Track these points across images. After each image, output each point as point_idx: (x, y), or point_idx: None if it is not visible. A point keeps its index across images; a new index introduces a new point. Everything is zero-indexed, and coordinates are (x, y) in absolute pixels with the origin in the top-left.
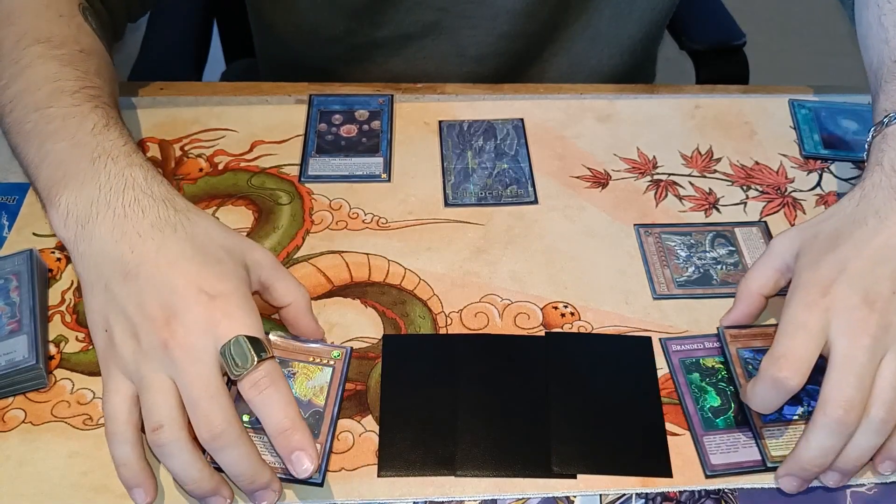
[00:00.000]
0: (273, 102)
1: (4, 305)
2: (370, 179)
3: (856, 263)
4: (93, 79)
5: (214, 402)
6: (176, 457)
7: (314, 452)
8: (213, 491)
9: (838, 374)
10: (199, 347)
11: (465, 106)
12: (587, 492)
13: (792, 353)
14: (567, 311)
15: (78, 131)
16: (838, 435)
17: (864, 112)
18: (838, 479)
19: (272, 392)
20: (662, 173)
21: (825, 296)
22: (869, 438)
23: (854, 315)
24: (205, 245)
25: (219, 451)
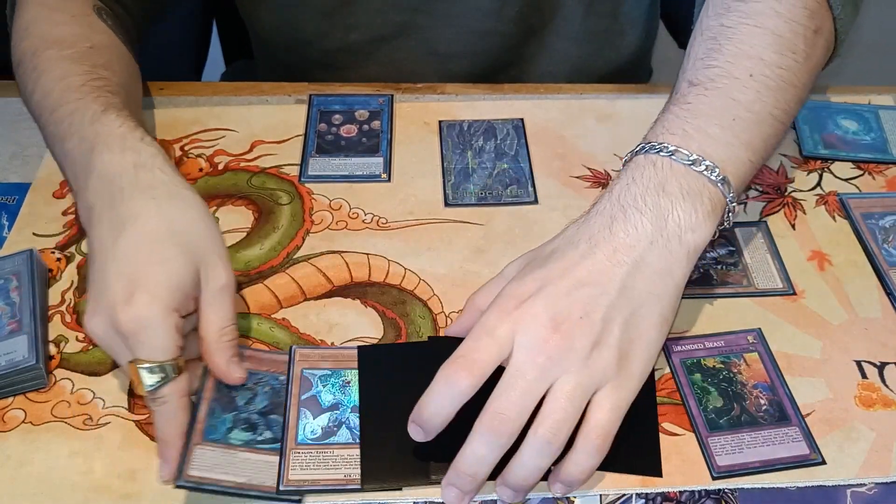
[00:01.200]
0: (273, 102)
1: (4, 305)
2: (370, 179)
3: (555, 283)
4: (99, 71)
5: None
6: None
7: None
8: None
9: (504, 385)
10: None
11: (465, 106)
12: (587, 492)
13: (471, 354)
14: None
15: (81, 126)
16: (491, 445)
17: (863, 112)
18: (510, 495)
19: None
20: None
21: (518, 308)
22: (533, 457)
23: (538, 332)
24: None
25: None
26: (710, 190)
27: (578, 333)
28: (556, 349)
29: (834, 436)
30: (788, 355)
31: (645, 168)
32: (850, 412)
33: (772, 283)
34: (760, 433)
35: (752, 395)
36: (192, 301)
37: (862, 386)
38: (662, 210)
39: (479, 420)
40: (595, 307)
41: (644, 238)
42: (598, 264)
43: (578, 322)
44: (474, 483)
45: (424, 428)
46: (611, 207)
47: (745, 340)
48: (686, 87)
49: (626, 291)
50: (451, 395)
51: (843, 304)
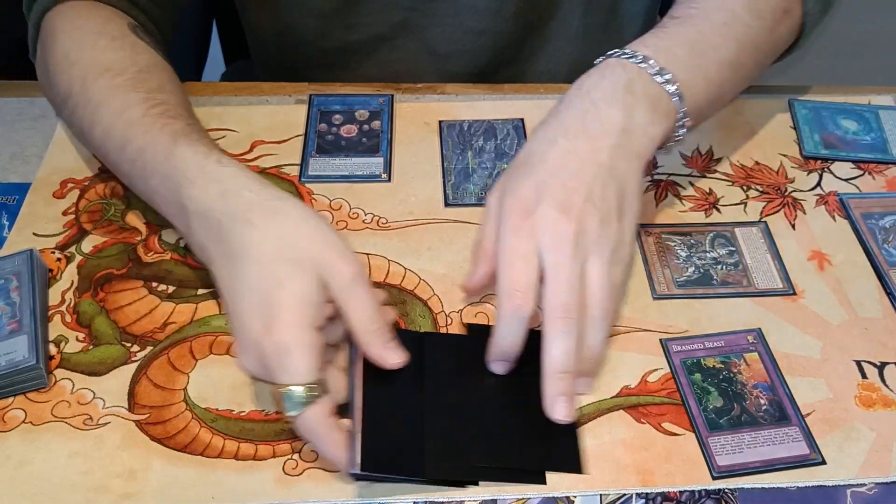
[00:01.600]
0: (273, 102)
1: (4, 305)
2: (370, 179)
3: (550, 184)
4: (156, 95)
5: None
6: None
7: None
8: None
9: (552, 285)
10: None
11: (465, 106)
12: (587, 492)
13: (516, 285)
14: None
15: (157, 164)
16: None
17: (864, 112)
18: (586, 383)
19: (312, 438)
20: (662, 173)
21: (528, 218)
22: (596, 334)
23: (556, 228)
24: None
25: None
26: (667, 99)
27: (588, 215)
28: (577, 235)
29: (834, 436)
30: (788, 355)
31: (615, 69)
32: (850, 412)
33: (772, 283)
34: (760, 433)
35: (752, 395)
36: (328, 307)
37: (862, 386)
38: (629, 105)
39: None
40: (593, 188)
41: (616, 126)
42: (581, 153)
43: (584, 205)
44: (572, 377)
45: (507, 359)
46: (581, 102)
47: (745, 340)
48: (668, 20)
49: (613, 171)
50: (520, 322)
51: (842, 304)
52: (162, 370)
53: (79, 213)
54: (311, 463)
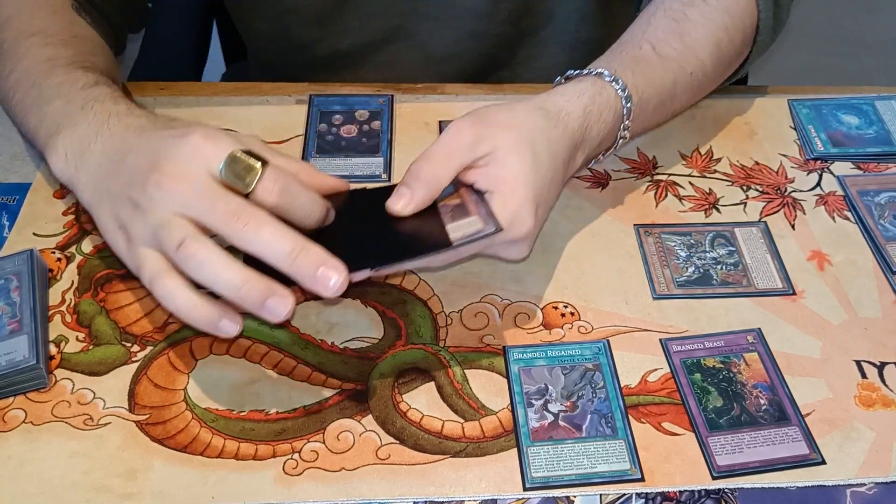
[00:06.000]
0: (273, 103)
1: (5, 305)
2: (370, 180)
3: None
4: (87, 56)
5: (228, 199)
6: (210, 263)
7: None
8: (267, 290)
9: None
10: (191, 170)
11: (465, 106)
12: (587, 492)
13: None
14: (567, 311)
15: (70, 91)
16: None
17: (861, 105)
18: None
19: (289, 196)
20: (662, 173)
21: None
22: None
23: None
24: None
25: (257, 235)
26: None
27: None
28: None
29: (834, 436)
30: (788, 355)
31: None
32: (850, 412)
33: (771, 283)
34: (760, 433)
35: (751, 394)
36: None
37: (862, 386)
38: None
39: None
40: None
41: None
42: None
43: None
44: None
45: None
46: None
47: (745, 340)
48: (650, 51)
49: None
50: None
51: (842, 304)
52: (162, 370)
53: (79, 213)
54: (311, 463)
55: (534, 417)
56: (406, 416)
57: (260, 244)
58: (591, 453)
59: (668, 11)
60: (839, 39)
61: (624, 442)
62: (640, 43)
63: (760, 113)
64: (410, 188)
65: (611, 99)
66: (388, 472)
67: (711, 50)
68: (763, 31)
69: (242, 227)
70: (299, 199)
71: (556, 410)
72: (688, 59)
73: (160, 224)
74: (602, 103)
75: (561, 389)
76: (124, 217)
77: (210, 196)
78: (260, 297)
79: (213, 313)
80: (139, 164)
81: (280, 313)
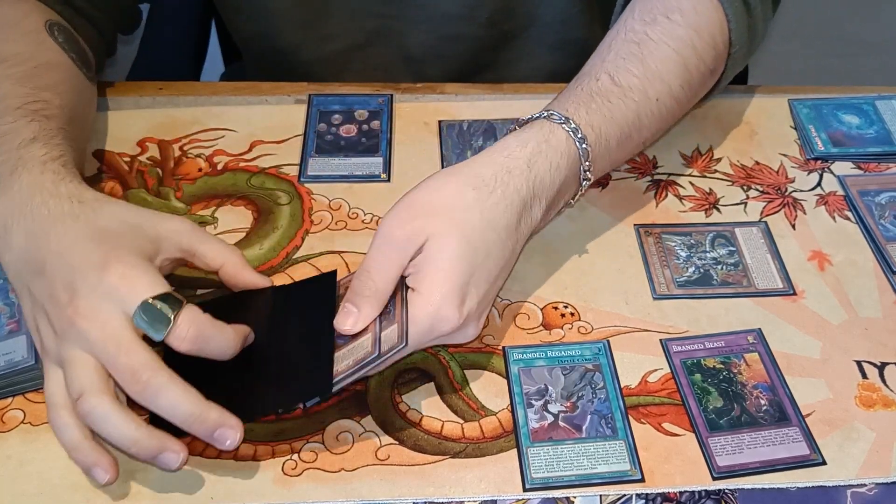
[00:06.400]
0: (272, 102)
1: (4, 306)
2: (370, 179)
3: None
4: (40, 94)
5: (132, 355)
6: (105, 420)
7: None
8: (158, 447)
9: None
10: (103, 312)
11: (464, 106)
12: (587, 492)
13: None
14: (567, 312)
15: (6, 148)
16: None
17: (861, 105)
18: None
19: (201, 341)
20: (662, 173)
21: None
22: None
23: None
24: (106, 226)
25: (155, 399)
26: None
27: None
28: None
29: (834, 436)
30: (788, 355)
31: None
32: (851, 412)
33: (772, 283)
34: (760, 433)
35: (752, 395)
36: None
37: (862, 386)
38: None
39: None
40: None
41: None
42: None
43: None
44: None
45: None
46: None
47: (745, 340)
48: (608, 82)
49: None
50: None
51: (843, 304)
52: None
53: None
54: (310, 463)
55: (534, 418)
56: (405, 417)
57: (158, 407)
58: (591, 454)
59: (628, 34)
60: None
61: (624, 442)
62: (598, 74)
63: (760, 113)
64: (357, 306)
65: (562, 142)
66: (388, 473)
67: (679, 72)
68: (737, 43)
69: (142, 390)
70: (212, 342)
71: (556, 411)
72: (652, 84)
73: (68, 359)
74: (552, 149)
75: (561, 390)
76: (41, 326)
77: (116, 347)
78: (151, 453)
79: (88, 460)
80: (56, 289)
81: (171, 466)
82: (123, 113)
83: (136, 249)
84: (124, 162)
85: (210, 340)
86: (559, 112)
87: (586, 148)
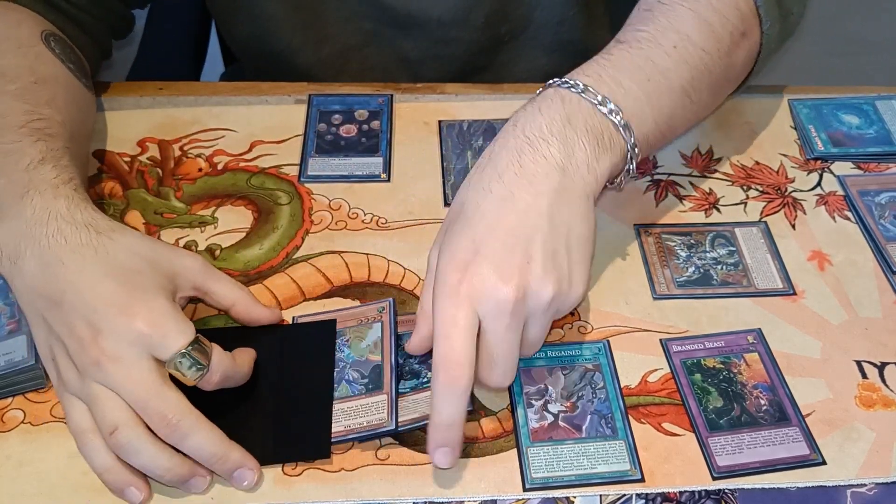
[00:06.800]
0: (272, 102)
1: (4, 305)
2: (370, 179)
3: (488, 242)
4: (42, 110)
5: (161, 398)
6: (140, 452)
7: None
8: (189, 473)
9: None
10: (131, 356)
11: (464, 106)
12: (587, 492)
13: (452, 355)
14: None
15: (13, 169)
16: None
17: (861, 105)
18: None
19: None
20: (662, 173)
21: (464, 282)
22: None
23: (494, 295)
24: (126, 261)
25: (183, 441)
26: (612, 132)
27: (528, 278)
28: (516, 303)
29: (834, 436)
30: (788, 355)
31: (553, 101)
32: (851, 412)
33: (772, 283)
34: (760, 433)
35: (752, 395)
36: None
37: (862, 386)
38: (569, 141)
39: (480, 386)
40: (534, 248)
41: (555, 166)
42: (519, 202)
43: (526, 267)
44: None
45: (452, 445)
46: (516, 140)
47: (745, 340)
48: (613, 44)
49: (554, 220)
50: (457, 396)
51: (843, 304)
52: None
53: None
54: (310, 464)
55: (533, 418)
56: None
57: (185, 448)
58: (590, 454)
59: (641, 7)
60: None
61: (624, 442)
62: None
63: (760, 113)
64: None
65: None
66: (388, 473)
67: (696, 24)
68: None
69: (171, 433)
70: (233, 380)
71: (556, 411)
72: (665, 35)
73: (95, 395)
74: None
75: (561, 390)
76: (59, 358)
77: (146, 392)
78: (183, 479)
79: (122, 481)
80: (77, 325)
81: (200, 489)
82: (123, 113)
83: (158, 289)
84: (124, 162)
85: (232, 379)
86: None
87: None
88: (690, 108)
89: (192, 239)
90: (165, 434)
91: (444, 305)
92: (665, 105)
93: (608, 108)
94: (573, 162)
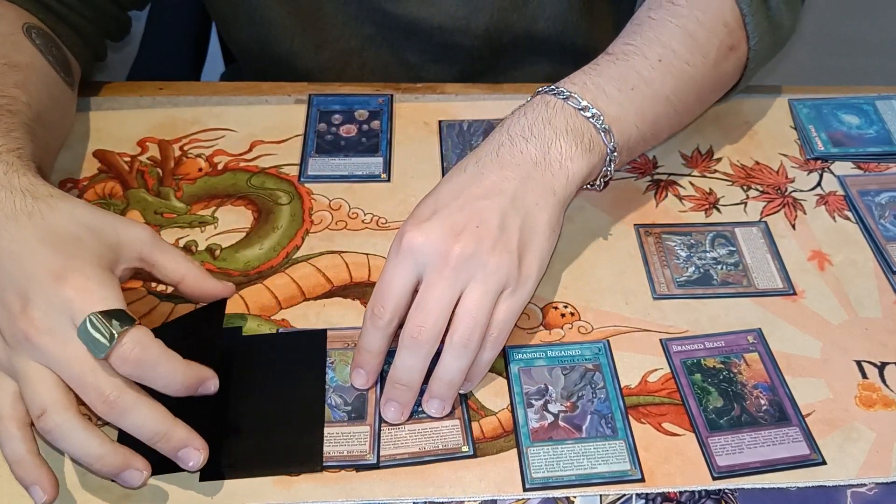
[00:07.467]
0: (272, 102)
1: None
2: (370, 179)
3: (448, 204)
4: (8, 90)
5: (97, 373)
6: (69, 438)
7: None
8: (123, 464)
9: (419, 299)
10: (62, 328)
11: (464, 106)
12: (587, 492)
13: (383, 294)
14: (567, 312)
15: None
16: (416, 354)
17: (861, 105)
18: (438, 406)
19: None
20: (662, 173)
21: (415, 237)
22: (453, 361)
23: (438, 247)
24: (63, 227)
25: (122, 418)
26: (593, 134)
27: (478, 239)
28: (458, 258)
29: (834, 436)
30: (788, 355)
31: (538, 105)
32: (851, 412)
33: (772, 283)
34: (760, 433)
35: (752, 395)
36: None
37: (862, 386)
38: (546, 139)
39: (402, 335)
40: (490, 215)
41: (528, 160)
42: (487, 180)
43: (475, 230)
44: (410, 392)
45: (366, 368)
46: (499, 136)
47: (745, 340)
48: (602, 56)
49: (517, 201)
50: (377, 332)
51: (843, 304)
52: None
53: None
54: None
55: (534, 418)
56: None
57: (125, 425)
58: (591, 454)
59: (632, 21)
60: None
61: (624, 442)
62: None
63: (760, 113)
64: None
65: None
66: (388, 473)
67: (681, 38)
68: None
69: (109, 409)
70: (158, 369)
71: (556, 411)
72: (650, 47)
73: (24, 372)
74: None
75: (561, 390)
76: None
77: (80, 365)
78: (116, 470)
79: (30, 477)
80: (7, 294)
81: (134, 483)
82: (123, 113)
83: (95, 258)
84: (124, 162)
85: (155, 367)
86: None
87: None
88: (674, 116)
89: (193, 239)
90: (103, 411)
91: (390, 255)
92: (648, 112)
93: (591, 113)
94: (546, 158)
